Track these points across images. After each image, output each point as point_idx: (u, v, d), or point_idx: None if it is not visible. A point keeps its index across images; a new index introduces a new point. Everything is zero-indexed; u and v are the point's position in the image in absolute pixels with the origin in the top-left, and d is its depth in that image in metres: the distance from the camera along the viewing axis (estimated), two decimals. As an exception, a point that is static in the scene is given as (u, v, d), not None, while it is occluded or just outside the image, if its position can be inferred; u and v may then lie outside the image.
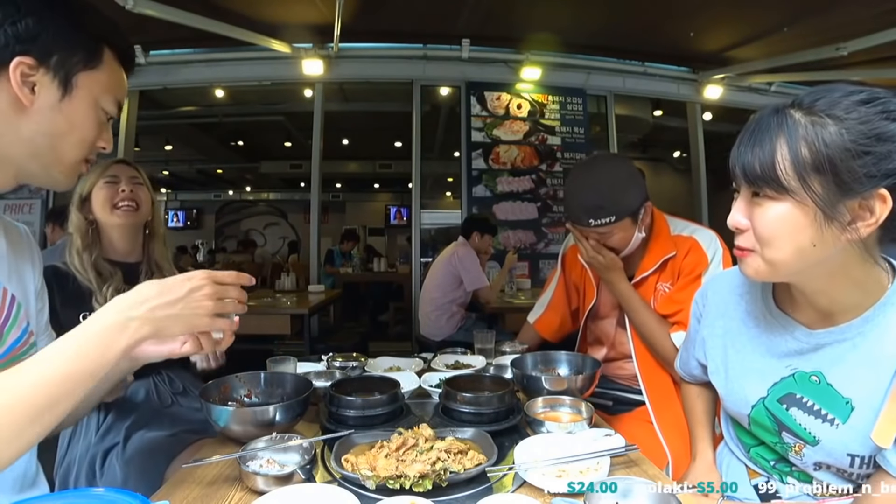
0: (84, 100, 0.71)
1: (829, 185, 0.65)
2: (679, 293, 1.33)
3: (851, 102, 0.65)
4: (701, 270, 1.32)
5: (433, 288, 3.33)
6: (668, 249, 1.37)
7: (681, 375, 1.14)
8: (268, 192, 11.03)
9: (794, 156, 0.66)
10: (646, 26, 3.62)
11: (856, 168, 0.63)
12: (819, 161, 0.64)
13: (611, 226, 1.28)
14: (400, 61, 4.16)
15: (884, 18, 2.96)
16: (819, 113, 0.66)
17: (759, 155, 0.68)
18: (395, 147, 7.47)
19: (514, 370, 1.26)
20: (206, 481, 0.84)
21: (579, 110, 4.33)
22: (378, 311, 6.82)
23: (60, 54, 0.68)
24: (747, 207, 0.72)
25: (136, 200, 1.40)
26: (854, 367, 0.74)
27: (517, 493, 0.77)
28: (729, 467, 0.98)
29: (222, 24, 3.20)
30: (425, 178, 5.68)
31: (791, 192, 0.66)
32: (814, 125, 0.66)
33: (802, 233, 0.67)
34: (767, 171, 0.67)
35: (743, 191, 0.73)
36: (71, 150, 0.73)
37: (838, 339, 0.75)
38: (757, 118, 0.71)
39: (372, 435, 0.92)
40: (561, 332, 1.69)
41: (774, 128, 0.68)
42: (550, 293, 1.71)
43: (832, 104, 0.66)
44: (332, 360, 1.47)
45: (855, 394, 0.73)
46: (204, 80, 4.19)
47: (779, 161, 0.67)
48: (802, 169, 0.65)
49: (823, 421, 0.76)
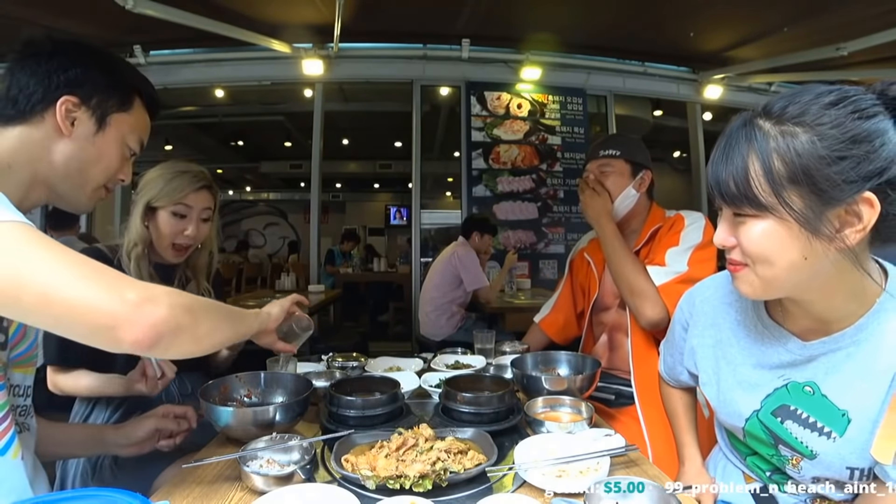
0: (113, 136, 0.85)
1: (808, 196, 0.62)
2: (656, 245, 1.45)
3: (820, 106, 0.63)
4: (679, 229, 1.43)
5: (433, 288, 3.33)
6: (658, 222, 1.50)
7: (665, 379, 1.10)
8: (268, 192, 11.02)
9: (767, 171, 0.63)
10: (646, 26, 3.62)
11: (833, 176, 0.61)
12: (794, 173, 0.62)
13: (613, 159, 1.49)
14: (400, 61, 4.16)
15: (884, 18, 2.96)
16: (788, 121, 0.64)
17: (733, 173, 0.66)
18: (395, 147, 7.47)
19: (514, 370, 1.26)
20: (206, 481, 0.84)
21: (579, 110, 4.33)
22: (378, 311, 6.82)
23: (99, 97, 0.82)
24: (731, 226, 0.70)
25: (196, 240, 1.33)
26: (849, 378, 0.71)
27: (517, 493, 0.77)
28: (725, 471, 0.97)
29: (222, 24, 3.20)
30: (425, 178, 5.69)
31: (770, 208, 0.64)
32: (783, 136, 0.63)
33: (791, 248, 0.65)
34: (743, 190, 0.65)
35: (724, 209, 0.70)
36: (96, 177, 0.85)
37: (832, 349, 0.73)
38: (727, 133, 0.69)
39: (372, 435, 0.92)
40: (565, 333, 1.74)
41: (744, 142, 0.66)
42: (557, 294, 1.78)
43: (801, 111, 0.63)
44: (332, 360, 1.47)
45: (850, 405, 0.71)
46: (204, 80, 4.19)
47: (752, 178, 0.64)
48: (778, 184, 0.63)
49: (820, 434, 0.73)
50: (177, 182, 1.28)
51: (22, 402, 0.81)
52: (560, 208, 4.23)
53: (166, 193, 1.27)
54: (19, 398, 0.80)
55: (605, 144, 1.52)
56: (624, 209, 1.50)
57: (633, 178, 1.49)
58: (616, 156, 1.49)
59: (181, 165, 1.33)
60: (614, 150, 1.50)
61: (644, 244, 1.49)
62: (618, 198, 1.48)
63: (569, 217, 4.24)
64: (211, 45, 3.86)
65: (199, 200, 1.31)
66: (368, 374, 1.38)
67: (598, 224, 1.47)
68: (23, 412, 0.81)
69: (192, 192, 1.30)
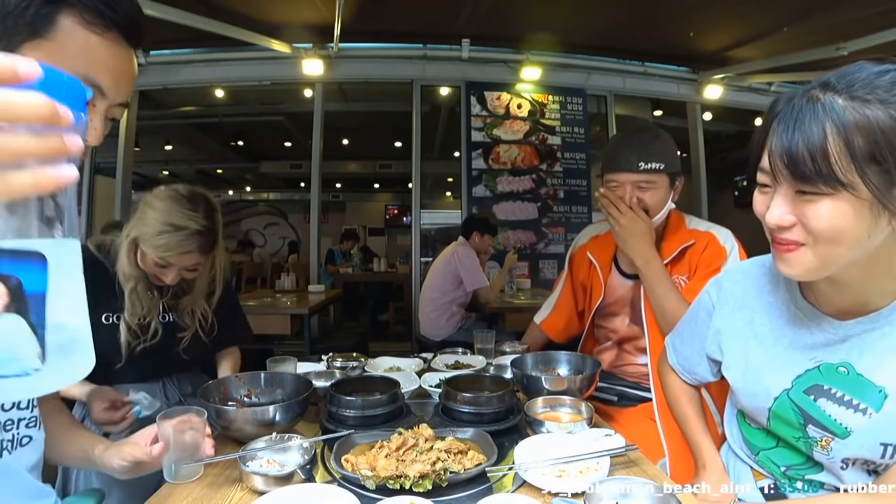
0: None
1: (885, 173, 0.60)
2: (698, 283, 1.29)
3: (891, 82, 0.61)
4: (720, 263, 1.29)
5: (433, 288, 3.33)
6: (687, 239, 1.35)
7: (678, 373, 1.07)
8: (268, 192, 11.02)
9: (848, 146, 0.60)
10: (646, 26, 3.62)
11: None
12: (877, 150, 0.59)
13: (657, 174, 1.27)
14: (400, 61, 4.16)
15: (884, 18, 2.96)
16: (863, 96, 0.61)
17: (808, 147, 0.61)
18: (395, 147, 7.46)
19: (514, 370, 1.26)
20: (206, 481, 0.84)
21: (579, 110, 4.33)
22: (378, 311, 6.82)
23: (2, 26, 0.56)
24: (791, 203, 0.66)
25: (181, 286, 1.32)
26: (885, 355, 0.71)
27: (517, 493, 0.77)
28: (734, 469, 0.96)
29: (222, 24, 3.20)
30: (425, 178, 5.69)
31: (849, 186, 0.60)
32: (860, 109, 0.60)
33: (860, 225, 0.62)
34: (821, 167, 0.61)
35: (784, 187, 0.66)
36: None
37: (867, 329, 0.73)
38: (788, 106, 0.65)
39: (372, 435, 0.92)
40: (567, 333, 1.68)
41: (820, 114, 0.61)
42: (557, 294, 1.70)
43: (870, 85, 0.61)
44: (332, 360, 1.47)
45: (888, 381, 0.71)
46: (204, 80, 4.19)
47: (832, 154, 0.60)
48: (861, 160, 0.60)
49: (855, 411, 0.73)
50: (165, 239, 1.18)
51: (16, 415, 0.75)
52: (560, 208, 4.23)
53: (152, 245, 1.19)
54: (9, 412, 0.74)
55: (646, 154, 1.27)
56: (660, 221, 1.34)
57: (671, 189, 1.32)
58: (660, 170, 1.27)
59: (178, 217, 1.19)
60: (658, 164, 1.27)
61: (671, 260, 1.35)
62: (657, 216, 1.31)
63: (569, 217, 4.24)
64: (211, 45, 3.86)
65: (183, 260, 1.22)
66: (368, 374, 1.38)
67: (644, 259, 1.28)
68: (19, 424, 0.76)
69: (177, 255, 1.20)
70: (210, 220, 1.23)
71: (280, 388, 1.13)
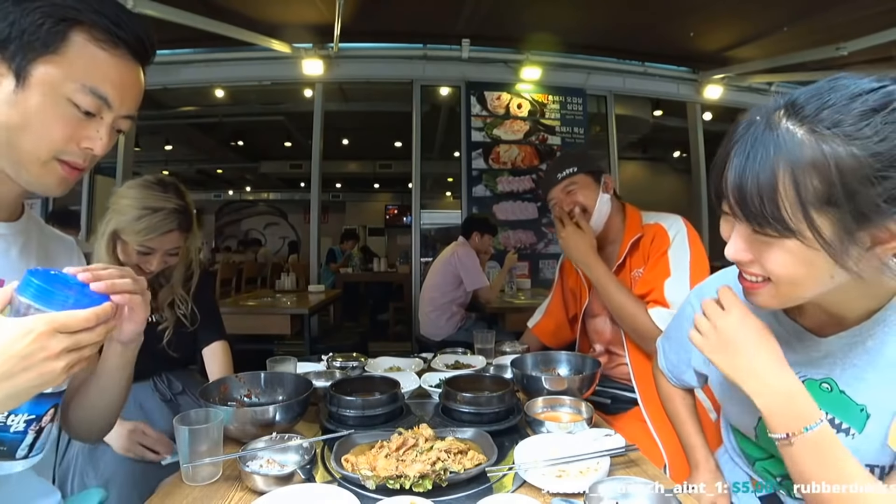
0: (39, 90, 0.63)
1: (842, 219, 0.55)
2: (648, 273, 1.40)
3: (861, 113, 0.54)
4: (665, 248, 1.39)
5: (433, 288, 3.33)
6: (637, 232, 1.46)
7: (667, 377, 1.07)
8: (268, 192, 11.03)
9: (799, 189, 0.55)
10: (646, 26, 3.62)
11: (874, 197, 0.53)
12: (831, 194, 0.54)
13: (574, 176, 1.46)
14: (400, 61, 4.16)
15: (884, 18, 2.96)
16: (824, 129, 0.54)
17: (758, 186, 0.57)
18: (395, 147, 7.47)
19: (514, 370, 1.26)
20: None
21: (579, 110, 4.33)
22: (378, 311, 6.82)
23: (17, 42, 0.61)
24: (747, 242, 0.63)
25: (158, 280, 1.34)
26: (866, 371, 0.69)
27: (517, 493, 0.77)
28: (731, 474, 0.96)
29: (222, 24, 3.20)
30: (425, 178, 5.69)
31: (798, 233, 0.57)
32: (819, 145, 0.54)
33: (818, 271, 0.59)
34: (769, 210, 0.57)
35: (741, 222, 0.62)
36: (32, 148, 0.65)
37: (849, 343, 0.70)
38: (746, 133, 0.60)
39: (372, 435, 0.92)
40: (557, 338, 1.74)
41: (771, 149, 0.56)
42: (549, 300, 1.78)
43: (838, 114, 0.54)
44: (332, 360, 1.47)
45: (869, 399, 0.68)
46: (204, 80, 4.19)
47: (781, 196, 0.56)
48: (810, 205, 0.55)
49: (838, 431, 0.70)
50: (145, 222, 1.21)
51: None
52: (560, 208, 4.23)
53: (133, 231, 1.21)
54: None
55: (560, 166, 1.49)
56: (603, 216, 1.47)
57: (598, 184, 1.47)
58: (575, 172, 1.46)
59: (154, 199, 1.23)
60: (571, 168, 1.47)
61: (626, 254, 1.46)
62: (595, 209, 1.45)
63: (569, 217, 4.24)
64: (211, 45, 3.86)
65: (166, 243, 1.25)
66: (368, 374, 1.38)
67: (587, 265, 1.41)
68: None
69: (159, 237, 1.23)
70: (183, 200, 1.28)
71: (280, 388, 1.13)
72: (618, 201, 1.53)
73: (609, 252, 1.51)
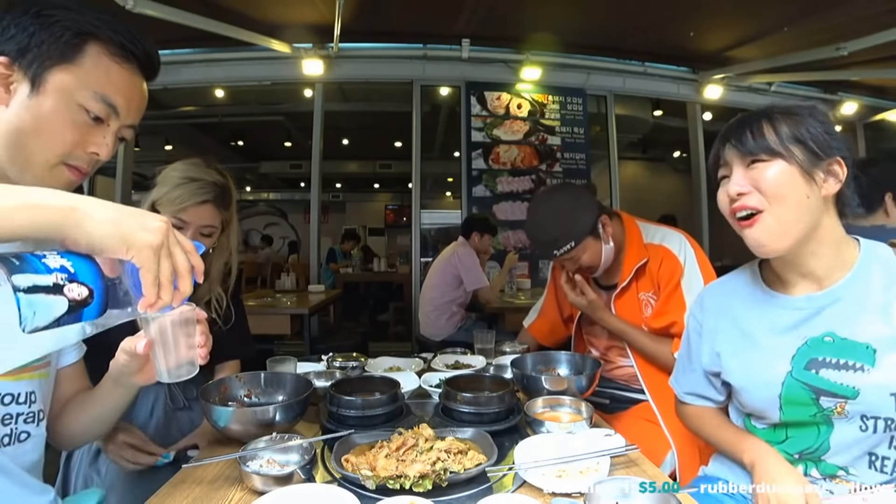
0: (53, 97, 0.68)
1: (805, 152, 0.83)
2: (666, 305, 1.38)
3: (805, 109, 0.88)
4: (678, 277, 1.37)
5: (433, 288, 3.33)
6: (641, 257, 1.42)
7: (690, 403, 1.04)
8: (268, 192, 11.02)
9: (778, 130, 0.85)
10: (646, 26, 3.62)
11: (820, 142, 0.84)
12: (796, 134, 0.84)
13: (574, 250, 1.37)
14: (400, 61, 4.15)
15: (884, 18, 2.96)
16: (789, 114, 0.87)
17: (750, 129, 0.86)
18: (395, 147, 7.47)
19: (514, 370, 1.26)
20: (206, 481, 0.84)
21: (579, 110, 4.33)
22: (378, 311, 6.82)
23: (35, 51, 0.67)
24: (745, 176, 0.85)
25: None
26: (858, 314, 0.83)
27: (517, 493, 0.77)
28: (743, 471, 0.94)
29: (222, 24, 3.20)
30: (425, 178, 5.69)
31: (781, 154, 0.83)
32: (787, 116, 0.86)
33: (797, 185, 0.82)
34: (760, 141, 0.84)
35: (737, 166, 0.87)
36: (42, 152, 0.69)
37: (833, 300, 0.85)
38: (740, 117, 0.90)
39: (372, 435, 0.93)
40: (553, 337, 1.75)
41: (760, 118, 0.87)
42: (542, 300, 1.79)
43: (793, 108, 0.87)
44: (332, 360, 1.47)
45: (870, 337, 0.81)
46: (204, 80, 4.18)
47: (767, 134, 0.85)
48: (787, 139, 0.84)
49: (854, 371, 0.81)
50: (180, 191, 1.17)
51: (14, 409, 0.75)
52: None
53: (168, 201, 1.17)
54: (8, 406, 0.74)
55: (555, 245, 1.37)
56: (609, 259, 1.43)
57: (598, 239, 1.40)
58: (572, 248, 1.37)
59: (196, 171, 1.22)
60: (567, 245, 1.36)
61: (630, 279, 1.43)
62: (601, 262, 1.42)
63: (569, 217, 4.24)
64: (211, 45, 3.85)
65: (199, 217, 1.19)
66: (368, 374, 1.38)
67: (600, 319, 1.46)
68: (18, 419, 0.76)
69: (192, 207, 1.18)
70: (225, 178, 1.28)
71: (280, 389, 1.13)
72: (619, 224, 1.49)
73: (612, 268, 1.47)
